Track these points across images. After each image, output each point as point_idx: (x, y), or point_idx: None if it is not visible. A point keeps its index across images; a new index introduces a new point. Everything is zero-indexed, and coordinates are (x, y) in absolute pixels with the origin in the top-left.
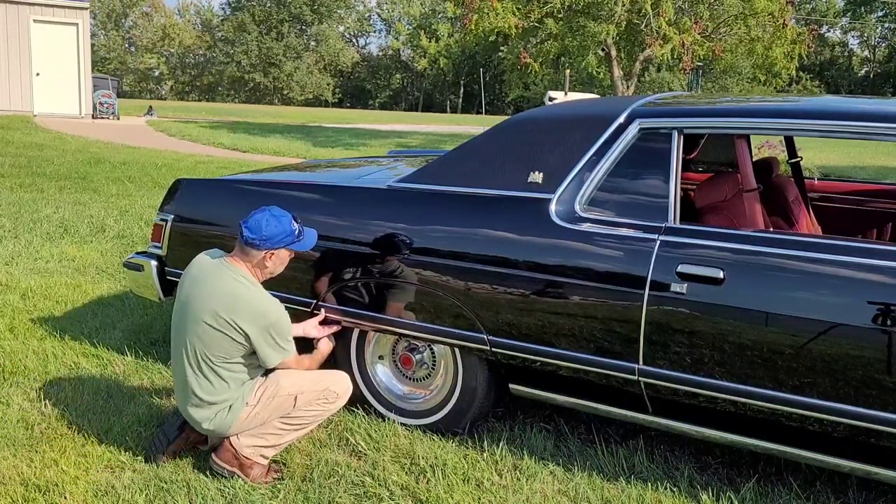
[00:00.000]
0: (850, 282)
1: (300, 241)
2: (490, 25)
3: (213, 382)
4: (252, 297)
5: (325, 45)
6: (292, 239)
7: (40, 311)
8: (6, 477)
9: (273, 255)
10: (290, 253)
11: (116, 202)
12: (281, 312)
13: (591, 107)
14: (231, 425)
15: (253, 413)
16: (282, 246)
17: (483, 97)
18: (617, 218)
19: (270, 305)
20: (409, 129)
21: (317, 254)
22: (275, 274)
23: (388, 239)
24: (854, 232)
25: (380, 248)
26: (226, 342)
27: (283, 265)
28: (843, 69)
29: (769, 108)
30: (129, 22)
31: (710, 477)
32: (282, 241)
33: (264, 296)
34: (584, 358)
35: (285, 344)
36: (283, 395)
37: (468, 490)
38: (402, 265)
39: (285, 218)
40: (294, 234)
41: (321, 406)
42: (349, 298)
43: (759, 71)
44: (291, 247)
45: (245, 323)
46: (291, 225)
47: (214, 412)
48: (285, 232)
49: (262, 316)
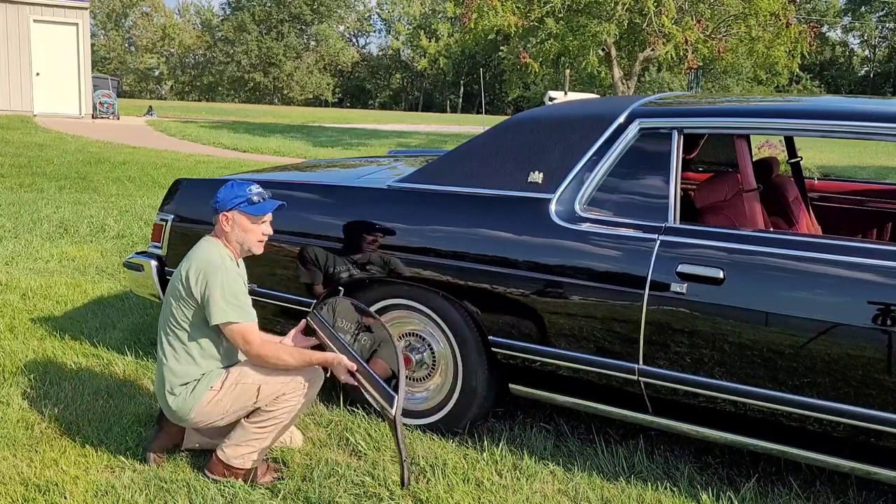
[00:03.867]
0: (850, 282)
1: (252, 205)
2: (490, 24)
3: (178, 350)
4: (202, 249)
5: (325, 45)
6: (241, 201)
7: (40, 311)
8: (6, 477)
9: (228, 219)
10: (251, 219)
11: (116, 202)
12: (225, 268)
13: (591, 107)
14: (192, 408)
15: (215, 399)
16: (232, 207)
17: (483, 97)
18: (617, 218)
19: (211, 259)
20: (409, 129)
21: (317, 254)
22: (244, 244)
23: (389, 239)
24: (854, 232)
25: (380, 247)
26: (181, 301)
27: (245, 232)
28: (843, 69)
29: (769, 108)
30: (129, 22)
31: (710, 477)
32: (231, 203)
33: (211, 252)
34: (584, 358)
35: (228, 306)
36: (246, 381)
37: (468, 490)
38: (402, 265)
39: (242, 185)
40: (244, 197)
41: (291, 399)
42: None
43: (760, 70)
44: (241, 209)
45: (191, 273)
46: (246, 191)
47: (179, 391)
48: (235, 195)
49: (206, 262)
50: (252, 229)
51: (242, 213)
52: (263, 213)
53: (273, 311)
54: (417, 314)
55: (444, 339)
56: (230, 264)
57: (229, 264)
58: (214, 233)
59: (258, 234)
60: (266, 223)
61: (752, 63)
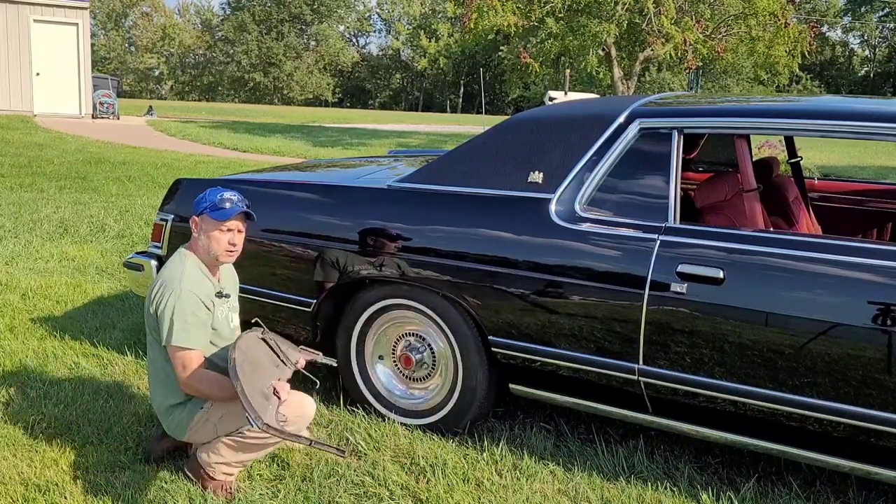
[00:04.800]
0: (850, 282)
1: (216, 211)
2: (490, 24)
3: (167, 370)
4: (167, 266)
5: (325, 45)
6: (206, 205)
7: (40, 310)
8: (6, 477)
9: (197, 224)
10: (216, 224)
11: (116, 202)
12: (179, 289)
13: (591, 107)
14: (187, 427)
15: (204, 418)
16: (200, 211)
17: (483, 97)
18: (617, 218)
19: (171, 276)
20: (409, 129)
21: (317, 254)
22: (212, 253)
23: (389, 239)
24: (854, 232)
25: (380, 247)
26: (149, 318)
27: (210, 239)
28: (843, 69)
29: (769, 108)
30: (129, 22)
31: (710, 477)
32: (199, 206)
33: (174, 269)
34: (584, 358)
35: (174, 328)
36: (235, 406)
37: (468, 490)
38: (402, 265)
39: (215, 191)
40: (210, 202)
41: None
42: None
43: (760, 70)
44: (207, 213)
45: (153, 289)
46: (217, 196)
47: (172, 411)
48: (206, 199)
49: (164, 280)
50: (217, 237)
51: (208, 218)
52: (225, 219)
53: (273, 311)
54: (417, 314)
55: (444, 339)
56: (192, 283)
57: (190, 283)
58: (188, 244)
59: (224, 242)
60: (233, 231)
61: (752, 63)
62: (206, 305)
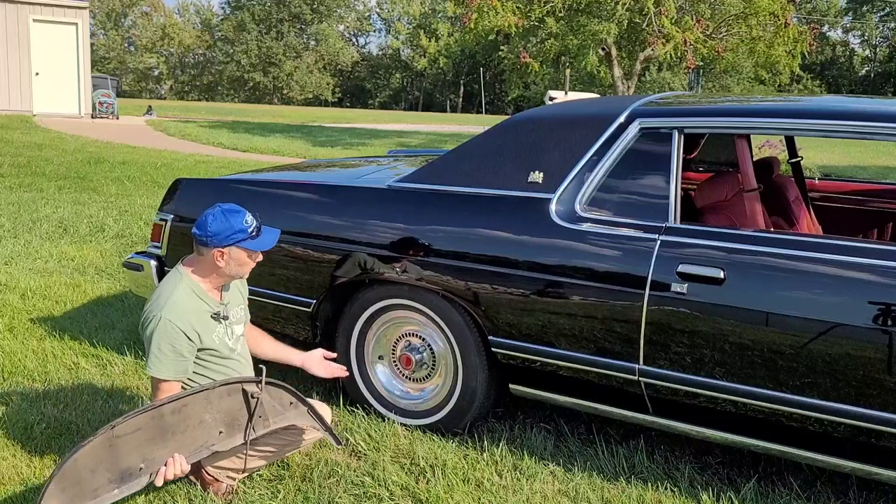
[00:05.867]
0: (850, 282)
1: (254, 240)
2: (490, 24)
3: None
4: (161, 287)
5: (325, 45)
6: (243, 236)
7: (40, 311)
8: (6, 477)
9: (224, 255)
10: (250, 253)
11: (116, 202)
12: (159, 316)
13: (591, 106)
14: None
15: None
16: (231, 244)
17: (483, 97)
18: (617, 218)
19: (158, 300)
20: (409, 128)
21: (317, 254)
22: (236, 277)
23: (389, 239)
24: (854, 232)
25: (380, 248)
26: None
27: (241, 266)
28: (843, 69)
29: (770, 107)
30: (129, 21)
31: (710, 477)
32: (230, 239)
33: (164, 291)
34: (584, 358)
35: (154, 356)
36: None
37: (468, 490)
38: (402, 265)
39: (237, 215)
40: (246, 232)
41: (288, 436)
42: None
43: (760, 70)
44: (243, 245)
45: (144, 310)
46: (242, 223)
47: None
48: (233, 229)
49: (154, 304)
50: (248, 262)
51: (242, 249)
52: (267, 248)
53: (273, 311)
54: (417, 314)
55: (444, 339)
56: (175, 311)
57: (172, 312)
58: (189, 262)
59: (252, 265)
60: (260, 252)
61: (752, 63)
62: (188, 335)
